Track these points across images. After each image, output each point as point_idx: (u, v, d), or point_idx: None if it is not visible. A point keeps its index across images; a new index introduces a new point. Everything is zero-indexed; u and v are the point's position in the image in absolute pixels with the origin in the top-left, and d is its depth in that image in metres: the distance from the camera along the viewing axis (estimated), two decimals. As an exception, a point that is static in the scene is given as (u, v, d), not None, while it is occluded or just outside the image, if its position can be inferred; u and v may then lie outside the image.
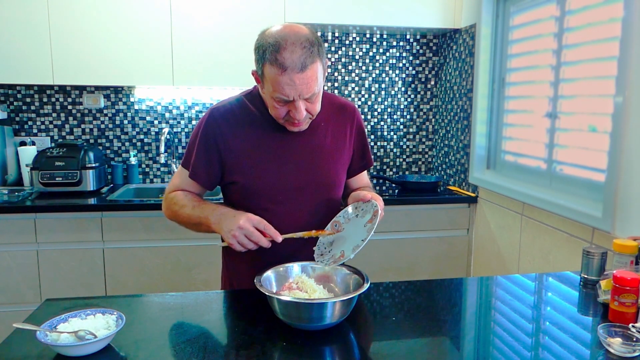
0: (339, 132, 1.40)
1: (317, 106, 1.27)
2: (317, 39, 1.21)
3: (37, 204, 2.36)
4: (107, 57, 2.55)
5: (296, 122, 1.25)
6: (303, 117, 1.23)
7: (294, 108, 1.21)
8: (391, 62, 3.15)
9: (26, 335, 1.03)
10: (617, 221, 1.70)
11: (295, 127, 1.29)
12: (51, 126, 2.89)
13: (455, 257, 2.75)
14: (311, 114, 1.26)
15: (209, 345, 1.06)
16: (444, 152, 3.10)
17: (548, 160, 2.18)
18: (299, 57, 1.14)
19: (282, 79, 1.16)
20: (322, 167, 1.36)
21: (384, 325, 1.15)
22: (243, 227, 1.17)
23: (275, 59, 1.15)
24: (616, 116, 1.70)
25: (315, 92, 1.21)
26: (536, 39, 2.27)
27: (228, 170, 1.34)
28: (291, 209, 1.35)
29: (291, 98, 1.19)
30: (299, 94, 1.19)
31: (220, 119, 1.33)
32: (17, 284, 2.38)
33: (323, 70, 1.24)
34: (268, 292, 1.10)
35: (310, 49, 1.16)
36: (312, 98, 1.22)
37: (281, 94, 1.19)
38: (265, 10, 2.62)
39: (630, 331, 1.04)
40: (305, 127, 1.31)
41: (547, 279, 1.48)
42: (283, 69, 1.15)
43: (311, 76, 1.17)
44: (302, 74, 1.16)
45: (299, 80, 1.16)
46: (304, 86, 1.17)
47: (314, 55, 1.17)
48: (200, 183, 1.37)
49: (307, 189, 1.35)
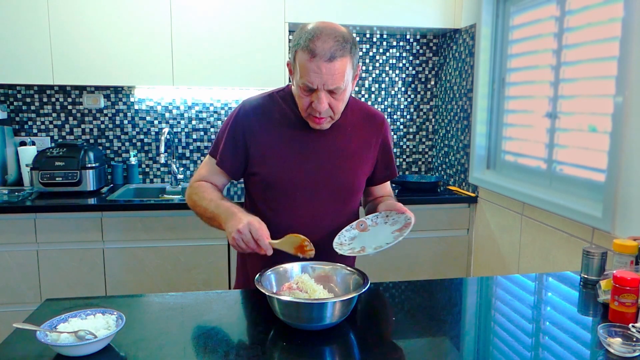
0: (364, 139, 1.41)
1: (341, 105, 1.29)
2: (353, 41, 1.25)
3: (37, 204, 2.36)
4: (107, 57, 2.55)
5: (317, 115, 1.27)
6: (324, 109, 1.25)
7: (316, 98, 1.24)
8: (391, 62, 3.15)
9: (26, 335, 1.03)
10: (617, 221, 1.70)
11: (317, 124, 1.31)
12: (51, 126, 2.89)
13: (455, 257, 2.75)
14: (334, 111, 1.29)
15: (209, 345, 1.05)
16: (444, 152, 3.10)
17: (548, 160, 2.18)
18: (329, 47, 1.19)
19: (310, 65, 1.20)
20: (342, 170, 1.38)
21: (384, 325, 1.15)
22: (242, 232, 1.19)
23: (307, 45, 1.20)
24: (616, 116, 1.70)
25: (340, 87, 1.23)
26: (536, 39, 2.27)
27: (252, 162, 1.38)
28: (307, 206, 1.37)
29: (315, 86, 1.22)
30: (324, 84, 1.22)
31: (250, 111, 1.39)
32: (17, 284, 2.38)
33: (353, 71, 1.27)
34: (268, 292, 1.10)
35: (342, 44, 1.21)
36: (337, 94, 1.25)
37: (307, 80, 1.22)
38: (265, 11, 2.62)
39: (630, 331, 1.04)
40: (327, 126, 1.34)
41: (547, 279, 1.48)
42: (313, 55, 1.19)
43: (338, 68, 1.21)
44: (329, 64, 1.19)
45: (325, 69, 1.20)
46: (329, 76, 1.21)
47: (345, 50, 1.21)
48: (226, 171, 1.41)
49: (325, 189, 1.37)
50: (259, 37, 2.63)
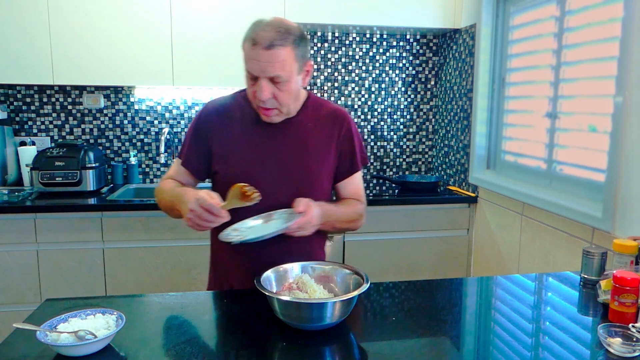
0: (324, 134, 1.42)
1: (286, 97, 1.31)
2: (301, 35, 1.29)
3: (37, 204, 2.36)
4: (107, 57, 2.55)
5: (262, 105, 1.30)
6: (265, 97, 1.28)
7: (258, 87, 1.27)
8: (391, 62, 3.15)
9: (26, 335, 1.03)
10: (617, 221, 1.70)
11: (266, 116, 1.35)
12: (51, 126, 2.89)
13: (455, 257, 2.75)
14: (280, 102, 1.31)
15: (209, 345, 1.06)
16: (444, 152, 3.10)
17: (548, 160, 2.18)
18: (269, 36, 1.24)
19: (251, 53, 1.26)
20: (302, 166, 1.39)
21: (384, 325, 1.15)
22: (193, 210, 1.19)
23: (250, 34, 1.27)
24: (616, 116, 1.70)
25: (281, 75, 1.26)
26: (536, 39, 2.27)
27: (214, 160, 1.42)
28: (268, 204, 1.37)
29: (255, 73, 1.27)
30: (263, 71, 1.25)
31: (212, 111, 1.44)
32: (17, 284, 2.38)
33: (298, 63, 1.29)
34: (268, 292, 1.10)
35: (284, 35, 1.25)
36: (280, 84, 1.27)
37: (248, 67, 1.28)
38: (265, 11, 2.62)
39: (630, 331, 1.04)
40: (277, 119, 1.36)
41: (547, 279, 1.48)
42: (253, 43, 1.25)
43: (277, 57, 1.24)
44: (267, 51, 1.23)
45: (263, 56, 1.24)
46: (267, 64, 1.24)
47: (285, 40, 1.25)
48: (191, 171, 1.45)
49: (285, 186, 1.37)
50: (259, 37, 2.63)
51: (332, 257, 2.60)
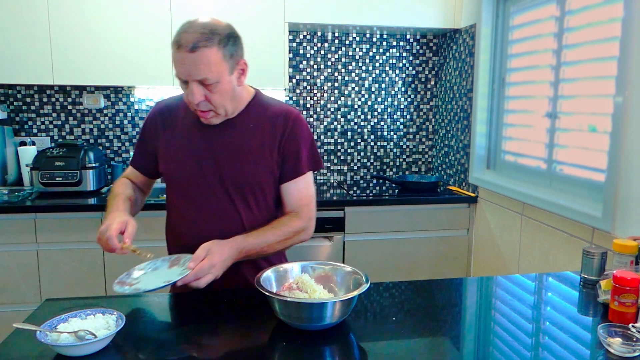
0: (267, 135, 1.38)
1: (219, 98, 1.28)
2: (229, 34, 1.27)
3: (37, 204, 2.36)
4: (107, 57, 2.55)
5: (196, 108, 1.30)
6: (196, 101, 1.26)
7: (189, 91, 1.26)
8: (391, 62, 3.15)
9: (26, 335, 1.03)
10: (617, 221, 1.70)
11: (204, 119, 1.33)
12: (51, 126, 2.89)
13: (455, 257, 2.75)
14: (213, 104, 1.29)
15: (209, 345, 1.06)
16: (444, 152, 3.10)
17: (548, 160, 2.18)
18: (193, 38, 1.22)
19: (176, 57, 1.24)
20: (240, 168, 1.36)
21: (384, 325, 1.15)
22: (99, 234, 1.25)
23: (176, 38, 1.25)
24: (616, 116, 1.70)
25: (209, 78, 1.24)
26: (536, 39, 2.27)
27: (159, 161, 1.44)
28: (206, 204, 1.38)
29: (183, 77, 1.26)
30: (189, 74, 1.24)
31: (157, 112, 1.46)
32: (17, 284, 2.38)
33: (228, 63, 1.27)
34: (268, 292, 1.10)
35: (208, 36, 1.23)
36: (210, 85, 1.25)
37: (176, 72, 1.26)
38: (265, 11, 2.62)
39: (630, 331, 1.04)
40: (216, 121, 1.34)
41: (547, 279, 1.48)
42: (178, 46, 1.23)
43: (202, 59, 1.22)
44: (192, 54, 1.21)
45: (188, 59, 1.22)
46: (192, 67, 1.23)
47: (210, 41, 1.23)
48: (139, 170, 1.51)
49: (223, 186, 1.37)
50: (259, 37, 2.63)
51: (332, 257, 2.60)
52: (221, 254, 1.22)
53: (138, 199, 1.51)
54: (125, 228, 1.29)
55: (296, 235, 1.39)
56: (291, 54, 3.03)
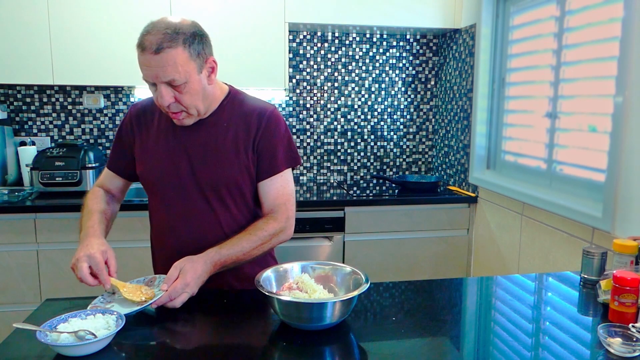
0: (241, 134, 1.35)
1: (189, 98, 1.26)
2: (194, 33, 1.24)
3: (37, 204, 2.36)
4: (107, 57, 2.55)
5: (167, 110, 1.28)
6: (166, 103, 1.24)
7: (158, 94, 1.24)
8: (391, 62, 3.15)
9: (26, 335, 1.03)
10: (617, 221, 1.70)
11: (177, 120, 1.31)
12: (51, 126, 2.89)
13: (455, 257, 2.75)
14: (184, 105, 1.26)
15: (209, 345, 1.06)
16: (444, 152, 3.10)
17: (548, 160, 2.18)
18: (156, 39, 1.19)
19: (141, 59, 1.22)
20: (215, 169, 1.34)
21: (384, 325, 1.15)
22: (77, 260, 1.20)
23: (139, 40, 1.22)
24: (616, 116, 1.70)
25: (176, 79, 1.21)
26: (536, 39, 2.27)
27: (136, 163, 1.42)
28: (182, 205, 1.36)
29: (150, 80, 1.24)
30: (156, 76, 1.22)
31: (133, 114, 1.44)
32: (17, 284, 2.38)
33: (195, 62, 1.24)
34: (268, 292, 1.10)
35: (172, 35, 1.20)
36: (179, 86, 1.23)
37: (143, 74, 1.24)
38: (265, 11, 2.62)
39: (630, 331, 1.04)
40: (189, 122, 1.32)
41: (547, 279, 1.48)
42: (142, 49, 1.21)
43: (167, 60, 1.19)
44: (156, 56, 1.19)
45: (154, 61, 1.20)
46: (158, 69, 1.20)
47: (174, 41, 1.20)
48: (117, 173, 1.48)
49: (200, 188, 1.35)
50: (259, 37, 2.63)
51: (332, 257, 2.60)
52: (194, 272, 1.19)
53: (113, 213, 1.47)
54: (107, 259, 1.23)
55: (274, 237, 1.35)
56: (291, 54, 3.03)
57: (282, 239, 1.38)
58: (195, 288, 1.20)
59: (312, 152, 3.15)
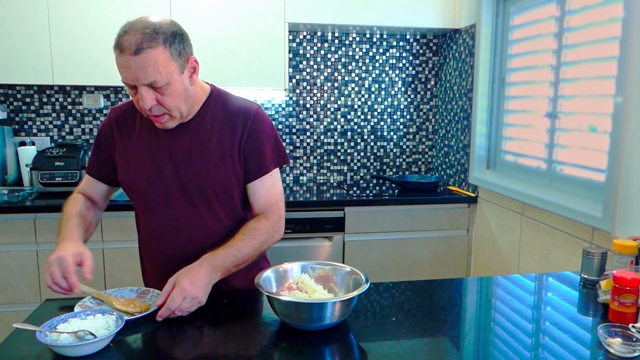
0: (226, 135, 1.31)
1: (171, 100, 1.21)
2: (174, 33, 1.20)
3: (37, 204, 2.35)
4: (107, 57, 2.51)
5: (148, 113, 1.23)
6: (147, 106, 1.19)
7: (139, 96, 1.19)
8: (391, 62, 3.15)
9: (26, 335, 1.03)
10: (617, 221, 1.70)
11: (158, 123, 1.26)
12: (51, 126, 2.89)
13: (455, 257, 2.75)
14: (166, 107, 1.22)
15: (209, 345, 1.06)
16: (444, 152, 3.10)
17: (548, 160, 2.18)
18: (135, 40, 1.15)
19: (120, 61, 1.17)
20: (200, 173, 1.30)
21: (384, 325, 1.15)
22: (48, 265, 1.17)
23: (117, 41, 1.18)
24: (616, 116, 1.70)
25: (158, 80, 1.17)
26: (536, 39, 2.27)
27: (118, 169, 1.38)
28: (168, 209, 1.33)
29: (130, 82, 1.19)
30: (136, 78, 1.17)
31: (113, 118, 1.40)
32: (17, 284, 2.38)
33: (176, 62, 1.20)
34: (268, 292, 1.10)
35: (152, 36, 1.16)
36: (161, 88, 1.18)
37: (122, 77, 1.19)
38: (265, 11, 2.62)
39: (630, 331, 1.04)
40: (171, 125, 1.27)
41: (547, 279, 1.48)
42: (121, 50, 1.16)
43: (148, 61, 1.15)
44: (136, 57, 1.14)
45: (134, 63, 1.15)
46: (139, 70, 1.15)
47: (154, 41, 1.16)
48: (97, 178, 1.43)
49: (186, 193, 1.31)
50: (259, 37, 2.63)
51: (332, 257, 2.60)
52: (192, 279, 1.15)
53: (93, 218, 1.42)
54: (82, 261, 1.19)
55: (268, 237, 1.33)
56: (291, 54, 3.03)
57: (276, 239, 1.36)
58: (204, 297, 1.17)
59: (312, 152, 3.15)
